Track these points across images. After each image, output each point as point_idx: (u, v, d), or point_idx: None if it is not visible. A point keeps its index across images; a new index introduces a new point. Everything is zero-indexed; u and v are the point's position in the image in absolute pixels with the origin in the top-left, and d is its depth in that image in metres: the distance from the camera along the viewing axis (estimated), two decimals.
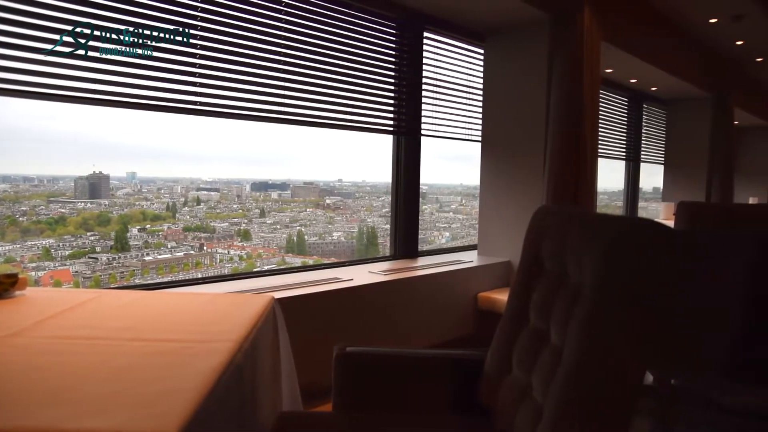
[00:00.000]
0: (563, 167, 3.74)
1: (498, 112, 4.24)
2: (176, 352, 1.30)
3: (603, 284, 1.07)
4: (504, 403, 1.42)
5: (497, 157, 4.26)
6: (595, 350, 1.08)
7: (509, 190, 4.18)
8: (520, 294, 1.50)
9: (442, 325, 3.65)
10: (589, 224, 1.19)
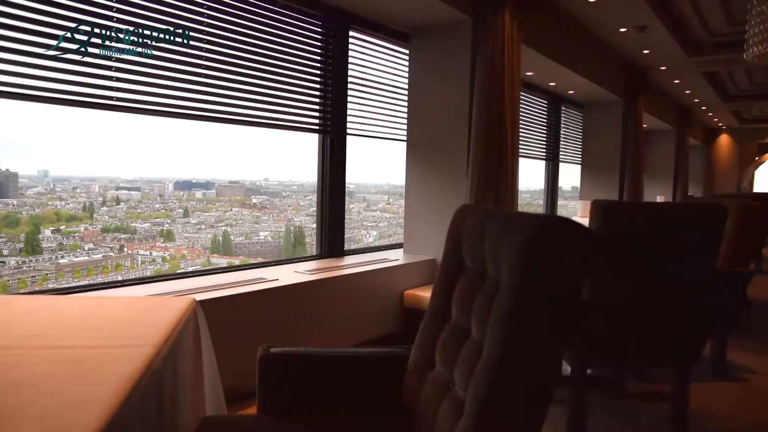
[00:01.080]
0: (486, 166, 3.85)
1: (422, 112, 4.31)
2: (88, 359, 1.24)
3: (519, 280, 1.11)
4: (427, 398, 1.45)
5: (422, 157, 4.33)
6: (513, 344, 1.12)
7: (434, 189, 4.26)
8: (442, 291, 1.54)
9: (368, 324, 3.67)
10: (505, 222, 1.23)
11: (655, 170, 11.52)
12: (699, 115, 12.29)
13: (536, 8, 4.84)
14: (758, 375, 3.58)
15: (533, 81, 6.46)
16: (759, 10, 3.64)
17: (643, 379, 3.44)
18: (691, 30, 6.44)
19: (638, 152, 7.74)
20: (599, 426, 2.76)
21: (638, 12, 5.28)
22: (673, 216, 2.48)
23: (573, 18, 5.49)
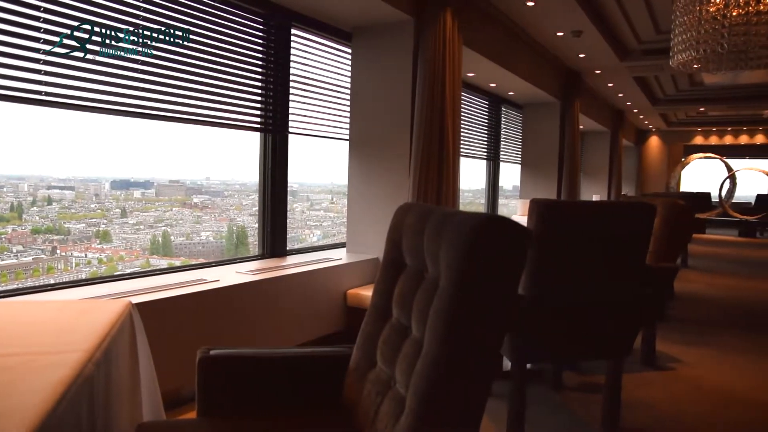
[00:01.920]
0: (427, 166, 3.91)
1: (365, 112, 4.32)
2: (13, 367, 1.18)
3: (457, 278, 1.14)
4: (369, 396, 1.46)
5: (365, 156, 4.35)
6: (452, 341, 1.14)
7: (376, 188, 4.29)
8: (383, 289, 1.55)
9: (311, 324, 3.66)
10: (444, 220, 1.26)
11: (592, 170, 11.96)
12: (631, 117, 12.83)
13: (477, 10, 4.93)
14: (684, 364, 3.77)
15: (474, 82, 6.58)
16: (682, 20, 3.83)
17: (579, 371, 3.56)
18: (622, 36, 6.71)
19: (575, 152, 8.01)
20: (538, 418, 2.84)
21: (574, 17, 5.47)
22: (606, 214, 2.58)
23: (512, 21, 5.62)
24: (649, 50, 7.09)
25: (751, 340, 4.46)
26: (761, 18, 3.54)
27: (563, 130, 7.97)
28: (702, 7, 3.70)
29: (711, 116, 13.73)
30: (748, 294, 6.42)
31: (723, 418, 2.95)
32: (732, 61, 3.98)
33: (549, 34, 6.08)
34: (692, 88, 10.50)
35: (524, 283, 2.49)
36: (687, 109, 11.81)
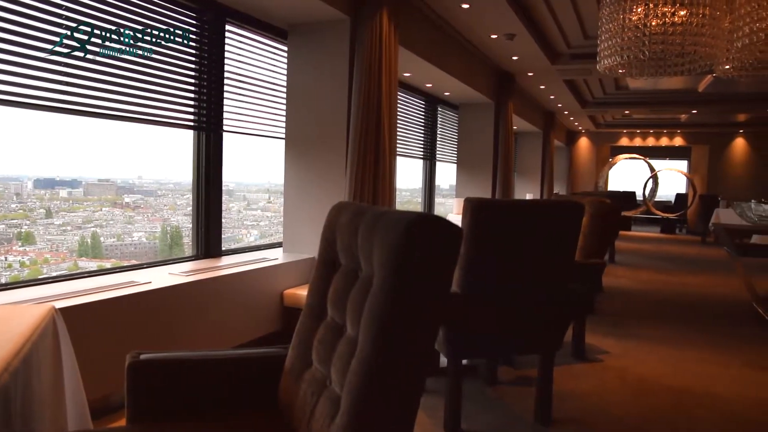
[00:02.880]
0: (364, 165, 3.92)
1: (301, 110, 4.29)
2: None
3: (390, 276, 1.14)
4: (304, 396, 1.45)
5: (301, 155, 4.32)
6: (386, 339, 1.15)
7: (313, 188, 4.26)
8: (318, 289, 1.55)
9: (248, 325, 3.60)
10: (377, 219, 1.26)
11: (525, 169, 12.33)
12: (562, 118, 13.28)
13: (413, 11, 4.98)
14: (611, 355, 3.94)
15: (410, 82, 6.65)
16: (607, 27, 4.00)
17: (513, 366, 3.66)
18: (553, 40, 6.94)
19: (509, 152, 8.22)
20: (474, 413, 2.90)
21: (507, 21, 5.60)
22: (537, 212, 2.66)
23: (448, 23, 5.71)
24: (577, 54, 7.37)
25: (673, 330, 4.71)
26: (676, 29, 3.73)
27: (497, 130, 8.17)
28: (625, 15, 3.87)
29: (635, 119, 14.41)
30: (671, 287, 6.77)
31: (646, 404, 3.11)
32: (652, 67, 4.19)
33: (483, 36, 6.21)
34: (618, 91, 10.98)
35: (458, 280, 2.54)
36: (613, 111, 12.33)
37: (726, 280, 7.45)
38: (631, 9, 3.85)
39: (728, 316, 5.39)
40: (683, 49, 3.85)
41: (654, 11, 3.79)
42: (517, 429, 2.75)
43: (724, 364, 3.87)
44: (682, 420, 2.94)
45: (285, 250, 4.39)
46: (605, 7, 4.01)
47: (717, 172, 15.25)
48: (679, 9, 3.74)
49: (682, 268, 8.40)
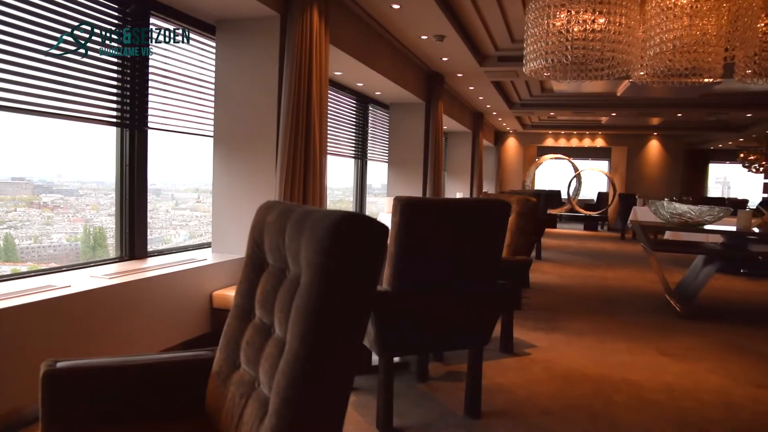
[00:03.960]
0: (294, 164, 3.88)
1: (230, 108, 4.21)
2: None
3: (317, 275, 1.14)
4: (233, 399, 1.43)
5: (230, 153, 4.23)
6: (313, 339, 1.14)
7: (242, 187, 4.19)
8: (246, 289, 1.52)
9: (176, 328, 3.49)
10: (304, 219, 1.26)
11: (455, 168, 12.57)
12: (490, 119, 13.62)
13: (344, 9, 4.98)
14: (538, 349, 4.08)
15: (342, 81, 6.64)
16: (533, 31, 4.14)
17: (444, 361, 3.73)
18: (481, 43, 7.11)
19: (438, 152, 8.36)
20: (406, 409, 2.93)
21: (437, 23, 5.69)
22: (465, 211, 2.72)
23: (378, 22, 5.74)
24: (505, 57, 7.58)
25: (596, 323, 4.93)
26: (596, 35, 3.92)
27: (428, 129, 8.29)
28: (549, 21, 4.02)
29: (560, 120, 14.97)
30: (593, 282, 7.08)
31: (570, 393, 3.24)
32: (575, 71, 4.37)
33: (414, 36, 6.29)
34: (543, 94, 11.37)
35: (388, 278, 2.57)
36: (539, 113, 12.76)
37: (642, 273, 7.87)
38: (555, 15, 4.01)
39: (644, 307, 5.69)
40: (602, 54, 4.04)
41: (576, 18, 3.95)
42: (448, 423, 2.81)
43: (639, 353, 4.09)
44: (601, 406, 3.08)
45: (214, 250, 4.29)
46: (531, 12, 4.15)
47: (634, 172, 16.09)
48: (598, 17, 3.92)
49: (603, 263, 8.80)
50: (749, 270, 8.07)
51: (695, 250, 5.65)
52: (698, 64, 3.98)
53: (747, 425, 2.94)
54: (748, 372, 3.76)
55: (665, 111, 11.64)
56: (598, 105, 11.56)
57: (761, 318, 5.34)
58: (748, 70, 4.31)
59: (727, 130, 14.14)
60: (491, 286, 2.83)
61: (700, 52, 3.91)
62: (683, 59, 3.99)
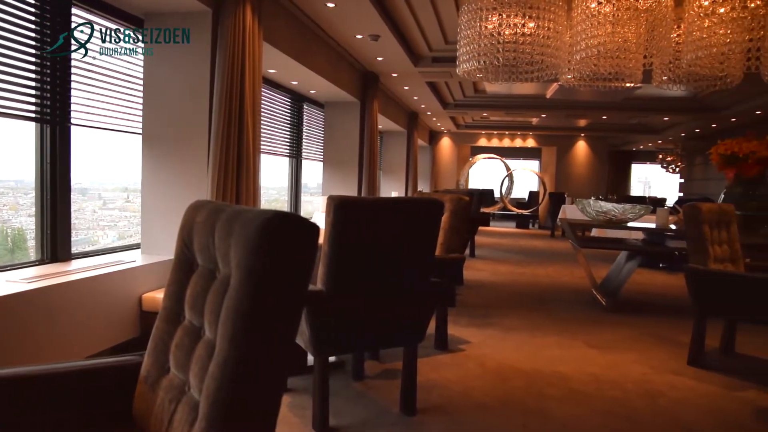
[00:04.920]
0: (226, 162, 3.81)
1: (160, 105, 4.07)
2: None
3: (247, 276, 1.12)
4: (162, 405, 1.38)
5: (160, 152, 4.10)
6: (243, 340, 1.12)
7: (173, 186, 4.07)
8: (174, 291, 1.48)
9: (103, 332, 3.35)
10: (233, 218, 1.23)
11: (391, 168, 12.66)
12: (425, 119, 13.80)
13: (277, 6, 4.92)
14: (472, 345, 4.16)
15: (276, 79, 6.56)
16: (466, 33, 4.22)
17: (380, 360, 3.74)
18: (416, 43, 7.19)
19: (373, 151, 8.39)
20: (342, 409, 2.93)
21: (372, 22, 5.72)
22: (398, 209, 2.74)
23: (313, 21, 5.70)
24: (439, 58, 7.70)
25: (528, 318, 5.08)
26: (526, 39, 4.04)
27: (363, 129, 8.31)
28: (481, 24, 4.11)
29: (492, 121, 15.34)
30: (525, 278, 7.29)
31: (503, 388, 3.32)
32: (506, 73, 4.49)
33: (349, 36, 6.28)
34: (477, 95, 11.62)
35: (323, 278, 2.56)
36: (473, 113, 13.03)
37: (571, 269, 8.17)
38: (487, 18, 4.10)
39: (573, 302, 5.91)
40: (532, 57, 4.17)
41: (507, 21, 4.06)
42: (384, 421, 2.82)
43: (568, 346, 4.25)
44: (533, 399, 3.18)
45: (143, 251, 4.14)
46: (463, 15, 4.24)
47: (563, 171, 16.69)
48: (528, 21, 4.05)
49: (534, 260, 9.08)
50: (667, 264, 8.54)
51: (619, 247, 5.92)
52: (620, 69, 4.18)
53: (665, 410, 3.10)
54: (666, 360, 3.97)
55: (591, 113, 12.13)
56: (528, 106, 11.92)
57: (678, 309, 5.65)
58: (664, 76, 4.56)
59: (647, 133, 14.90)
60: (425, 284, 2.87)
61: (622, 58, 4.11)
62: (607, 64, 4.17)
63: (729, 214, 4.23)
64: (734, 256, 4.20)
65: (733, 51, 3.78)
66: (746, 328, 4.54)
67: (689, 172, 15.64)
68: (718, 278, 3.81)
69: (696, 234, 3.96)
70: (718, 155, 5.63)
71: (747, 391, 3.43)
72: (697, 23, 3.81)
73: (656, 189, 21.05)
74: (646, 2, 3.76)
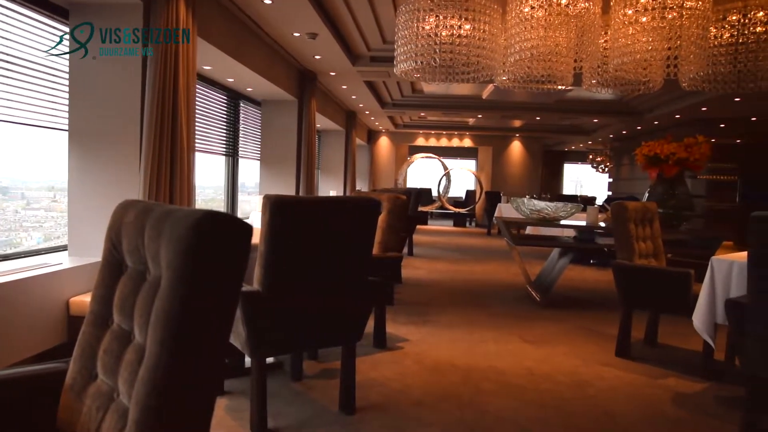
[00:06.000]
0: (159, 161, 3.69)
1: (87, 100, 3.90)
2: None
3: (177, 277, 1.09)
4: (89, 413, 1.33)
5: (88, 150, 3.93)
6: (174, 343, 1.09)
7: (102, 185, 3.91)
8: (103, 294, 1.42)
9: (26, 339, 3.18)
10: (164, 218, 1.20)
11: (329, 167, 12.61)
12: (363, 118, 13.81)
13: (213, 1, 4.81)
14: (410, 342, 4.21)
15: (211, 75, 6.41)
16: (403, 33, 4.26)
17: (318, 359, 3.73)
18: (354, 42, 7.19)
19: (311, 150, 8.34)
20: (281, 410, 2.90)
21: (310, 20, 5.67)
22: (335, 208, 2.73)
23: (250, 17, 5.61)
24: (377, 57, 7.72)
25: (465, 315, 5.17)
26: (462, 40, 4.12)
27: (301, 127, 8.24)
28: (419, 24, 4.16)
29: (430, 121, 15.53)
30: (462, 275, 7.43)
31: (440, 384, 3.37)
32: (443, 73, 4.56)
33: (286, 33, 6.22)
34: (414, 94, 11.73)
35: (259, 278, 2.52)
36: (410, 113, 13.15)
37: (506, 266, 8.38)
38: (424, 19, 4.15)
39: (508, 298, 6.07)
40: (468, 59, 4.25)
41: (444, 23, 4.12)
42: (323, 420, 2.81)
43: (504, 341, 4.36)
44: (470, 394, 3.24)
45: (71, 253, 3.96)
46: (401, 15, 4.27)
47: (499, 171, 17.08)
48: (464, 23, 4.12)
49: (471, 258, 9.26)
50: (597, 260, 8.90)
51: (552, 244, 6.12)
52: (552, 72, 4.32)
53: (593, 400, 3.23)
54: (595, 353, 4.14)
55: (525, 114, 12.48)
56: (465, 107, 12.13)
57: (607, 303, 5.90)
58: (593, 80, 4.75)
59: (578, 134, 15.46)
60: (363, 283, 2.88)
61: (554, 61, 4.24)
62: (539, 67, 4.30)
63: (652, 211, 4.45)
64: (657, 252, 4.42)
65: (654, 58, 3.98)
66: (668, 320, 4.79)
67: (617, 172, 16.34)
68: (642, 273, 4.01)
69: (622, 231, 4.15)
70: (642, 156, 5.91)
71: (668, 379, 3.63)
72: (622, 30, 3.99)
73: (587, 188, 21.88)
74: (575, 8, 3.90)
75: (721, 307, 3.19)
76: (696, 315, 3.42)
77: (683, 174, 5.87)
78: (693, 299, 3.59)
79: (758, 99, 8.58)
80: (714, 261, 3.36)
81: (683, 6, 3.69)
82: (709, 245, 5.62)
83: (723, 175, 11.82)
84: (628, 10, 3.91)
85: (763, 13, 4.13)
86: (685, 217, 5.78)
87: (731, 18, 4.22)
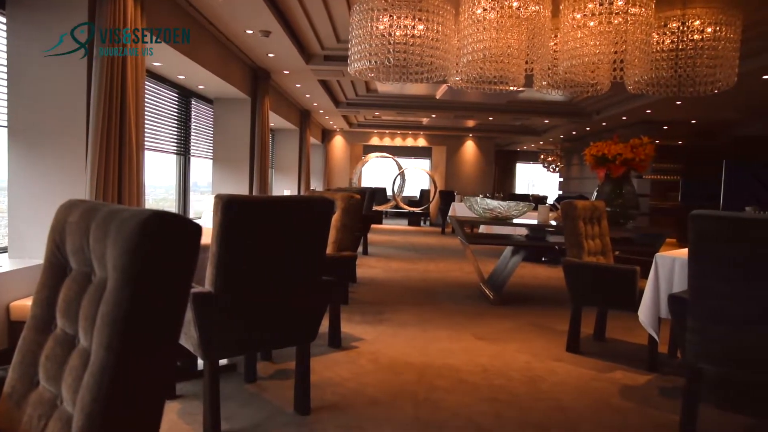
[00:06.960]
0: (106, 159, 3.58)
1: (28, 95, 3.75)
2: None
3: (124, 278, 1.06)
4: (30, 422, 1.28)
5: (30, 147, 3.78)
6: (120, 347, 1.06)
7: (46, 185, 3.77)
8: (45, 298, 1.37)
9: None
10: (109, 218, 1.16)
11: (283, 166, 12.50)
12: (318, 117, 13.74)
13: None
14: (365, 341, 4.21)
15: (161, 72, 6.26)
16: (357, 33, 4.26)
17: (273, 360, 3.69)
18: (308, 41, 7.14)
19: (264, 149, 8.25)
20: (235, 412, 2.86)
21: (262, 18, 5.60)
22: (288, 208, 2.71)
23: (201, 13, 5.50)
24: (331, 56, 7.69)
25: (420, 313, 5.21)
26: (416, 40, 4.14)
27: (254, 126, 8.14)
28: (373, 24, 4.16)
29: (384, 120, 15.56)
30: (416, 274, 7.47)
31: (396, 382, 3.39)
32: (397, 73, 4.58)
33: (239, 30, 6.12)
34: (369, 94, 11.73)
35: (211, 279, 2.48)
36: (365, 112, 13.14)
37: (460, 265, 8.48)
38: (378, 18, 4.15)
39: (462, 296, 6.14)
40: (422, 59, 4.28)
41: (398, 23, 4.14)
42: (277, 422, 2.79)
43: (458, 339, 4.41)
44: (425, 391, 3.27)
45: (11, 256, 3.80)
46: (355, 15, 4.26)
47: (453, 170, 17.27)
48: (418, 23, 4.15)
49: (425, 257, 9.33)
50: (548, 258, 9.10)
51: (504, 242, 6.22)
52: (504, 73, 4.39)
53: (545, 394, 3.31)
54: (547, 348, 4.23)
55: (478, 114, 12.65)
56: (419, 106, 12.21)
57: (558, 300, 6.04)
58: (543, 81, 4.85)
59: (529, 134, 15.77)
60: (317, 283, 2.86)
61: (506, 62, 4.31)
62: (492, 68, 4.37)
63: (600, 210, 4.58)
64: (605, 249, 4.55)
65: (602, 61, 4.10)
66: (616, 315, 4.94)
67: (567, 172, 16.74)
68: (591, 270, 4.12)
69: (572, 229, 4.25)
70: (590, 156, 6.07)
71: (615, 372, 3.74)
72: (571, 34, 4.09)
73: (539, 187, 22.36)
74: (526, 11, 3.97)
75: (665, 302, 3.31)
76: (641, 310, 3.55)
77: (629, 174, 6.06)
78: (639, 295, 3.71)
79: (698, 103, 8.95)
80: (658, 258, 3.49)
81: (628, 12, 3.81)
82: (653, 242, 5.82)
83: (666, 175, 12.28)
84: (577, 14, 4.01)
85: (699, 22, 4.31)
86: (632, 215, 5.97)
87: (672, 25, 4.39)
